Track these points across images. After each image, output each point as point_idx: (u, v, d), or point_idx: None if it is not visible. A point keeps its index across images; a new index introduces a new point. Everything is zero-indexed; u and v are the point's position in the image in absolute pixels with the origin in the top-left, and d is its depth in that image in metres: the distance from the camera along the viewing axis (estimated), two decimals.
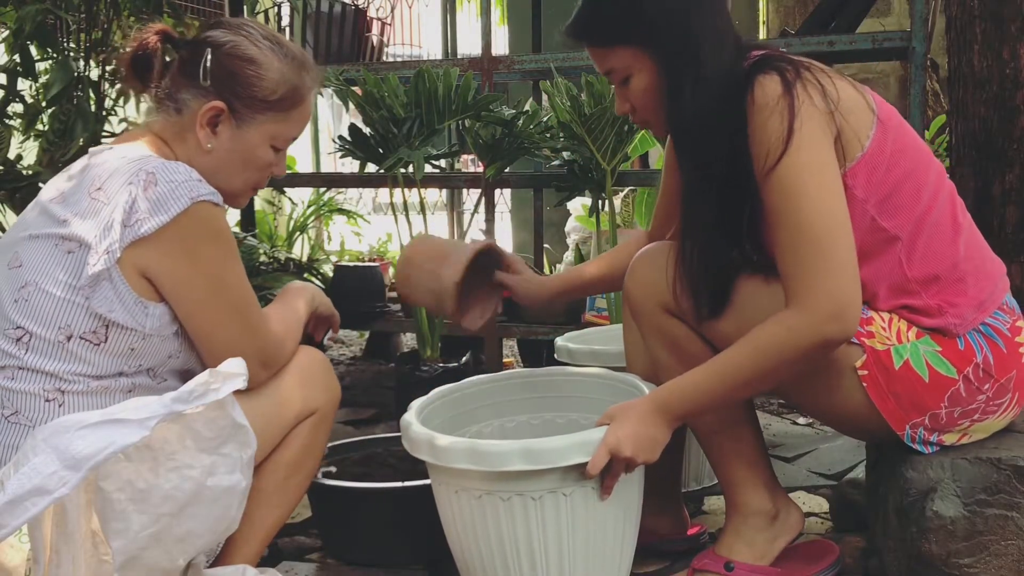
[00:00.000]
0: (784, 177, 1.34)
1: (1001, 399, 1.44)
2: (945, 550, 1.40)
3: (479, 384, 1.79)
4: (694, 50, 1.41)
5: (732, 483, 1.60)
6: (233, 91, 1.43)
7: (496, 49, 2.89)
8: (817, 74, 1.39)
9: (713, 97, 1.41)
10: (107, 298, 1.32)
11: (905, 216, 1.42)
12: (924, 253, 1.43)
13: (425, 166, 2.52)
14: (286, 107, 1.47)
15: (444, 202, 6.09)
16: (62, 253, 1.33)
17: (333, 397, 1.55)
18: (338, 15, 3.29)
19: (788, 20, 5.78)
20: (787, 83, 1.36)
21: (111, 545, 1.20)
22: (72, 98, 2.46)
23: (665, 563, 1.76)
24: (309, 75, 1.51)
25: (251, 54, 1.44)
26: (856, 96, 1.43)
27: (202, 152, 1.44)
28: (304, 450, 1.50)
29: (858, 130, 1.40)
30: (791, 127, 1.33)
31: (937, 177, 1.47)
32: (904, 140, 1.45)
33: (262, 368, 1.43)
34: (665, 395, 1.43)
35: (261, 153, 1.48)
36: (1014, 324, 1.47)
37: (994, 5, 2.20)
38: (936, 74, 4.64)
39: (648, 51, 1.44)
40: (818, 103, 1.36)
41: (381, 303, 3.06)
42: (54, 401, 1.32)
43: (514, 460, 1.36)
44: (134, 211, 1.31)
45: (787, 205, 1.35)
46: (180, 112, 1.44)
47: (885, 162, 1.41)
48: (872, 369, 1.42)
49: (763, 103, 1.35)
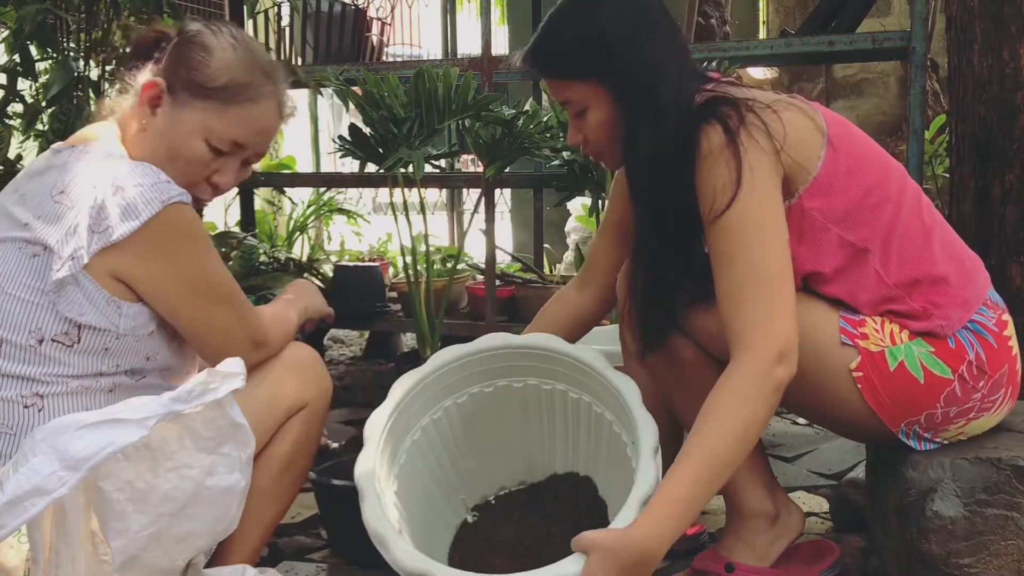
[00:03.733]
0: (730, 224, 1.35)
1: (995, 395, 1.45)
2: (945, 550, 1.40)
3: (426, 375, 1.61)
4: (653, 87, 1.41)
5: (732, 486, 1.59)
6: (176, 72, 1.42)
7: (496, 49, 2.89)
8: (762, 113, 1.39)
9: (668, 137, 1.41)
10: (76, 302, 1.31)
11: (871, 227, 1.43)
12: (899, 259, 1.44)
13: (425, 166, 2.51)
14: (225, 99, 1.43)
15: (444, 202, 6.09)
16: (27, 257, 1.33)
17: (325, 390, 1.55)
18: (338, 15, 3.29)
19: (788, 20, 5.79)
20: (729, 132, 1.36)
21: (110, 545, 1.20)
22: (72, 98, 2.46)
23: (665, 563, 1.76)
24: (266, 81, 1.46)
25: (207, 43, 1.44)
26: (804, 123, 1.43)
27: (139, 131, 1.43)
28: (297, 444, 1.50)
29: (807, 159, 1.41)
30: (738, 175, 1.35)
31: (899, 183, 1.48)
32: (857, 156, 1.45)
33: (254, 348, 1.45)
34: (649, 524, 1.23)
35: (191, 143, 1.42)
36: (1000, 319, 1.48)
37: (994, 5, 2.20)
38: (936, 74, 4.64)
39: (606, 86, 1.43)
40: (764, 145, 1.37)
41: (381, 303, 3.06)
42: (33, 407, 1.31)
43: None
44: (103, 216, 1.30)
45: (732, 249, 1.35)
46: (131, 93, 1.46)
47: (840, 183, 1.42)
48: (867, 371, 1.42)
49: (708, 152, 1.37)
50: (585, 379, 1.52)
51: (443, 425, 1.61)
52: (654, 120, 1.42)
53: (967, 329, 1.44)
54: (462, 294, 3.11)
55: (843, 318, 1.44)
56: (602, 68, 1.42)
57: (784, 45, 2.53)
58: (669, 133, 1.41)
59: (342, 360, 3.75)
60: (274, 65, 1.50)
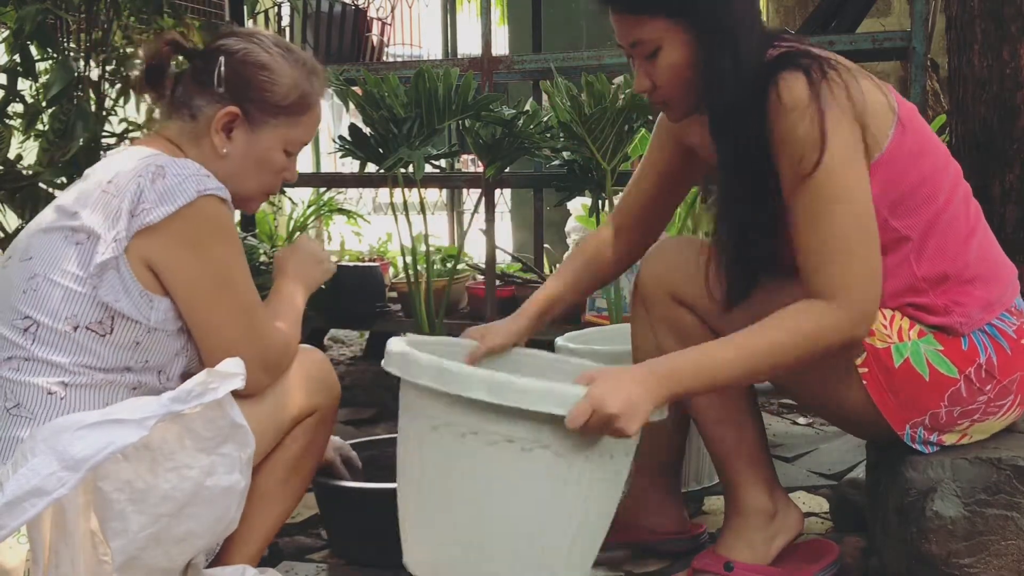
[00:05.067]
0: (821, 183, 1.33)
1: (1003, 400, 1.44)
2: (945, 550, 1.40)
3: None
4: (732, 29, 1.37)
5: (733, 480, 1.59)
6: (247, 96, 1.46)
7: (496, 49, 2.89)
8: (842, 73, 1.36)
9: (749, 83, 1.36)
10: (113, 287, 1.32)
11: (917, 218, 1.41)
12: (934, 253, 1.42)
13: (425, 166, 2.52)
14: (298, 112, 1.50)
15: (444, 202, 6.09)
16: (71, 244, 1.34)
17: (333, 397, 1.55)
18: (338, 15, 3.29)
19: (788, 20, 5.78)
20: (813, 84, 1.32)
21: (110, 545, 1.20)
22: (72, 98, 2.46)
23: (665, 563, 1.76)
24: (318, 81, 1.54)
25: (264, 60, 1.47)
26: (878, 96, 1.40)
27: (217, 157, 1.46)
28: (304, 450, 1.50)
29: (878, 132, 1.38)
30: (823, 133, 1.31)
31: (954, 179, 1.46)
32: (923, 142, 1.43)
33: (264, 372, 1.42)
34: (670, 364, 1.33)
35: (275, 157, 1.50)
36: (1021, 326, 1.46)
37: (994, 5, 2.20)
38: (936, 74, 4.64)
39: (683, 24, 1.37)
40: (843, 104, 1.33)
41: (381, 303, 3.06)
42: (56, 395, 1.31)
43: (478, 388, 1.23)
44: (141, 201, 1.32)
45: (823, 209, 1.33)
46: (195, 118, 1.46)
47: (902, 164, 1.40)
48: (872, 367, 1.41)
49: (791, 105, 1.32)
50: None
51: None
52: (737, 63, 1.36)
53: (984, 332, 1.43)
54: (462, 294, 3.11)
55: None
56: (682, 3, 1.37)
57: None
58: (749, 78, 1.36)
59: (342, 360, 3.75)
60: (314, 61, 1.56)
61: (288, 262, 1.63)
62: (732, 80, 1.37)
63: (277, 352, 1.45)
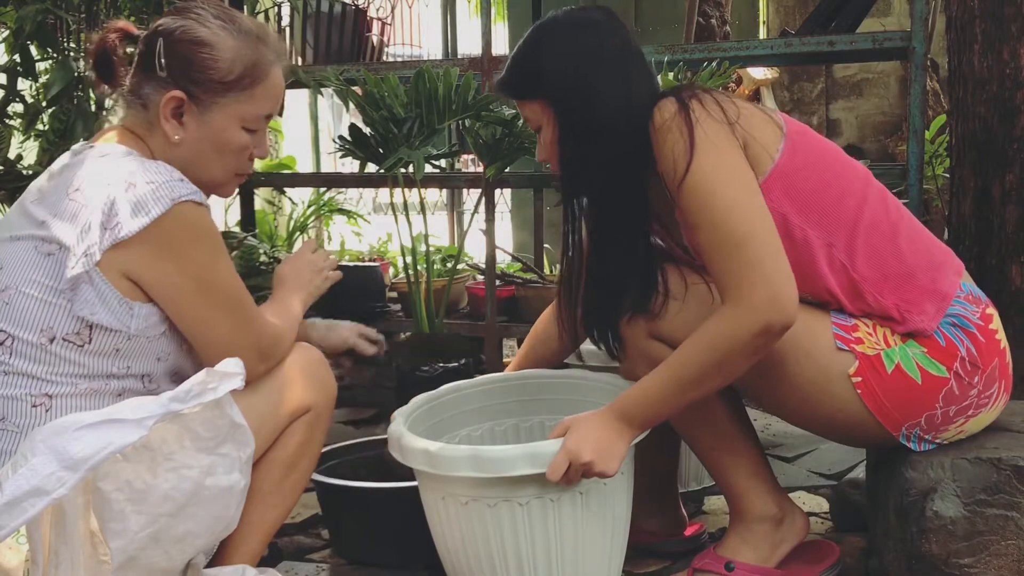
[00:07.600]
0: (694, 183, 1.38)
1: (990, 390, 1.46)
2: (945, 550, 1.40)
3: (464, 389, 1.76)
4: (588, 105, 1.46)
5: (736, 494, 1.59)
6: (189, 77, 1.40)
7: (496, 49, 2.88)
8: (716, 96, 1.45)
9: (607, 148, 1.46)
10: (89, 301, 1.31)
11: (833, 223, 1.45)
12: (865, 254, 1.45)
13: (425, 166, 2.52)
14: (248, 85, 1.43)
15: (444, 202, 6.10)
16: (41, 256, 1.32)
17: (329, 394, 1.54)
18: (338, 15, 3.28)
19: (788, 20, 5.79)
20: (681, 101, 1.42)
21: (109, 546, 1.20)
22: (72, 98, 2.46)
23: (665, 563, 1.76)
24: (269, 48, 1.46)
25: (202, 36, 1.41)
26: (761, 115, 1.49)
27: (173, 144, 1.41)
28: (300, 448, 1.49)
29: (767, 144, 1.45)
30: (691, 138, 1.39)
31: (863, 181, 1.51)
32: (819, 151, 1.50)
33: (260, 361, 1.42)
34: (623, 403, 1.43)
35: (232, 136, 1.44)
36: (984, 313, 1.48)
37: (994, 5, 2.20)
38: (936, 74, 4.65)
39: (550, 105, 1.50)
40: (715, 114, 1.42)
41: (381, 303, 3.06)
42: (41, 407, 1.31)
43: (463, 466, 1.37)
44: (113, 213, 1.29)
45: (701, 206, 1.38)
46: (146, 107, 1.42)
47: (802, 173, 1.45)
48: (866, 375, 1.42)
49: (661, 124, 1.41)
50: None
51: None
52: (585, 136, 1.47)
53: (952, 325, 1.44)
54: (462, 294, 3.11)
55: (835, 323, 1.45)
56: (545, 88, 1.50)
57: (784, 45, 2.52)
58: (606, 146, 1.46)
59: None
60: (261, 27, 1.49)
61: (287, 273, 1.64)
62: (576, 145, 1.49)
63: (269, 340, 1.45)
